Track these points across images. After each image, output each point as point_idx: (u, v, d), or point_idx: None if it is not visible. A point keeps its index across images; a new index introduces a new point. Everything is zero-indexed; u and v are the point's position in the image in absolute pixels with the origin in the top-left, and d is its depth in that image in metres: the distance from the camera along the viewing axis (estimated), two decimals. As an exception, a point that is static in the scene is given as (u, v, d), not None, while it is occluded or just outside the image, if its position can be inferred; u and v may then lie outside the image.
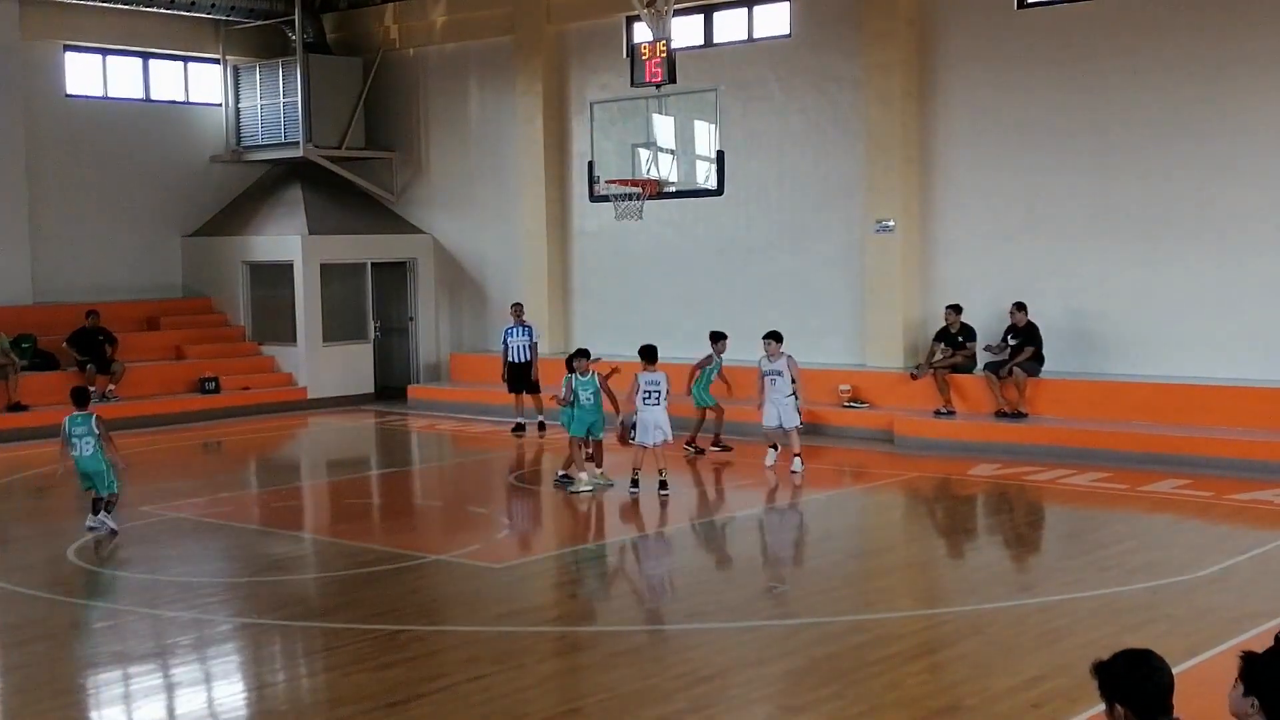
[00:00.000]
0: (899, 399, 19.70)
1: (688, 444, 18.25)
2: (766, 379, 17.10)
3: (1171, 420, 17.41)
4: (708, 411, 18.68)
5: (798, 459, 16.95)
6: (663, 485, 15.20)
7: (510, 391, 21.11)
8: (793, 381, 17.07)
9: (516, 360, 20.92)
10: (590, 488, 15.47)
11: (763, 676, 9.00)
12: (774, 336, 17.26)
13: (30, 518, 15.76)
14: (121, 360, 22.95)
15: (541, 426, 20.88)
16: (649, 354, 15.85)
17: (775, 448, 17.36)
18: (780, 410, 17.01)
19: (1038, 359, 18.63)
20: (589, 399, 15.58)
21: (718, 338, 18.80)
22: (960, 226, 20.17)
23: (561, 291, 24.64)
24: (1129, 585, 11.08)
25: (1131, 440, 17.08)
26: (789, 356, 17.18)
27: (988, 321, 19.29)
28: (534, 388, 20.96)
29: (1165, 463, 16.49)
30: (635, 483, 15.34)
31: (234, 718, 8.67)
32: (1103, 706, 4.47)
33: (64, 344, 22.69)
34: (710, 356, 18.75)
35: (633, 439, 15.47)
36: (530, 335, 21.04)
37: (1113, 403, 18.08)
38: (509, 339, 21.08)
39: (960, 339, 19.30)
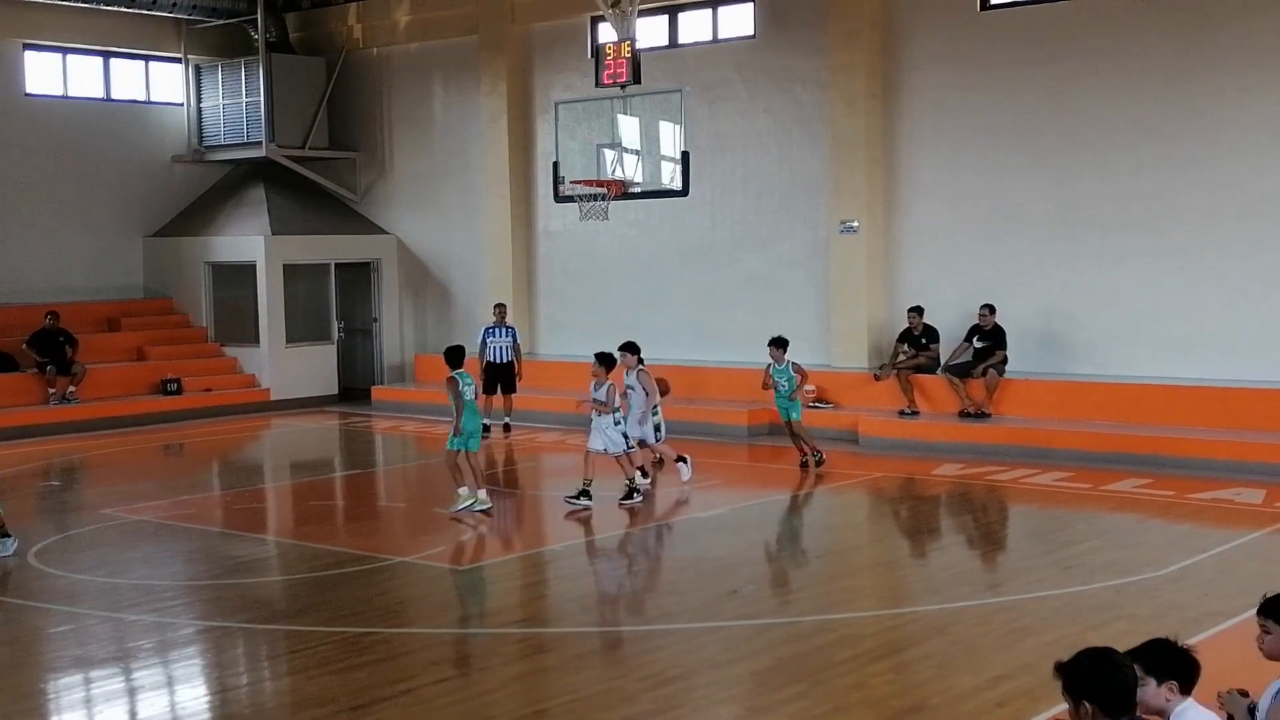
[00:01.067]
0: (863, 399, 19.77)
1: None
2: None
3: (1134, 420, 17.53)
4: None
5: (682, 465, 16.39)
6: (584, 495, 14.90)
7: (485, 393, 20.80)
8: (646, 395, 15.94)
9: (497, 360, 20.79)
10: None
11: (728, 677, 9.00)
12: (628, 348, 16.13)
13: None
14: (82, 362, 22.76)
15: (507, 429, 20.84)
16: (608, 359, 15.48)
17: (685, 460, 16.53)
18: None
19: (1004, 360, 18.72)
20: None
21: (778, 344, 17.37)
22: (924, 227, 20.25)
23: (526, 292, 24.60)
24: (1092, 584, 11.15)
25: (1094, 440, 17.20)
26: (642, 371, 16.05)
27: (952, 322, 19.38)
28: (512, 388, 20.96)
29: (1127, 462, 16.61)
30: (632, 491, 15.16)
31: (196, 722, 8.61)
32: (1065, 706, 4.50)
33: (23, 345, 22.49)
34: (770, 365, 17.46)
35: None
36: (514, 336, 20.97)
37: (1075, 403, 18.19)
38: (489, 339, 20.94)
39: (923, 340, 19.38)
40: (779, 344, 17.17)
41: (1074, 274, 18.94)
